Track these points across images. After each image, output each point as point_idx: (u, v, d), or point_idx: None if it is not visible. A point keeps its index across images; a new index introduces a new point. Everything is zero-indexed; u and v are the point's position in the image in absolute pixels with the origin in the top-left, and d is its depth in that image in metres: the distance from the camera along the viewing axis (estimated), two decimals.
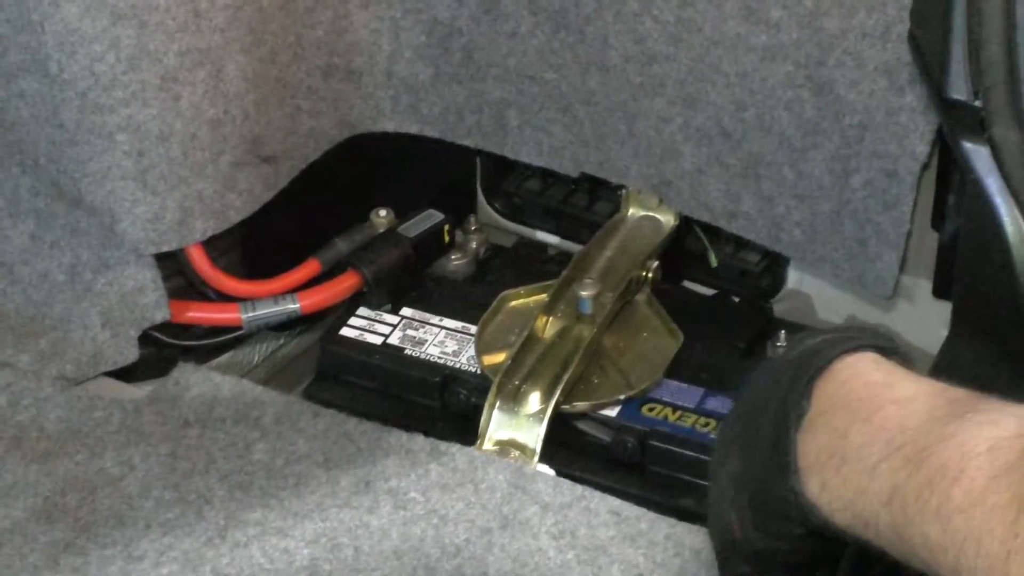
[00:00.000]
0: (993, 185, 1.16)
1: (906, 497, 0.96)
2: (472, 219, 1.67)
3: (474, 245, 1.65)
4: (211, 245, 1.53)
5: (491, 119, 1.63)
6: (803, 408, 1.07)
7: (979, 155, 1.16)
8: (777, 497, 1.07)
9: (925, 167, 1.40)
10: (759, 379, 1.15)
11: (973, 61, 1.15)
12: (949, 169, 1.38)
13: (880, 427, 1.01)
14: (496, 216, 1.72)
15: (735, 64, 1.46)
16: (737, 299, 1.61)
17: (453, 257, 1.64)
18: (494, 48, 1.59)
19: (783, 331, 1.48)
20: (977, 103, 1.16)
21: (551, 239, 1.70)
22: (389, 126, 1.65)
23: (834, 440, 1.04)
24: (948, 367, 1.29)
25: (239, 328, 1.56)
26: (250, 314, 1.56)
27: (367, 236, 1.62)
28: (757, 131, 1.47)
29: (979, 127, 1.16)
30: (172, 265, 1.53)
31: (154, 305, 1.50)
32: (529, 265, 1.63)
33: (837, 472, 1.03)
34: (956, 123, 1.18)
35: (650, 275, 1.55)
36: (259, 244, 1.60)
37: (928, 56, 1.21)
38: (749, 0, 1.43)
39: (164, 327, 1.53)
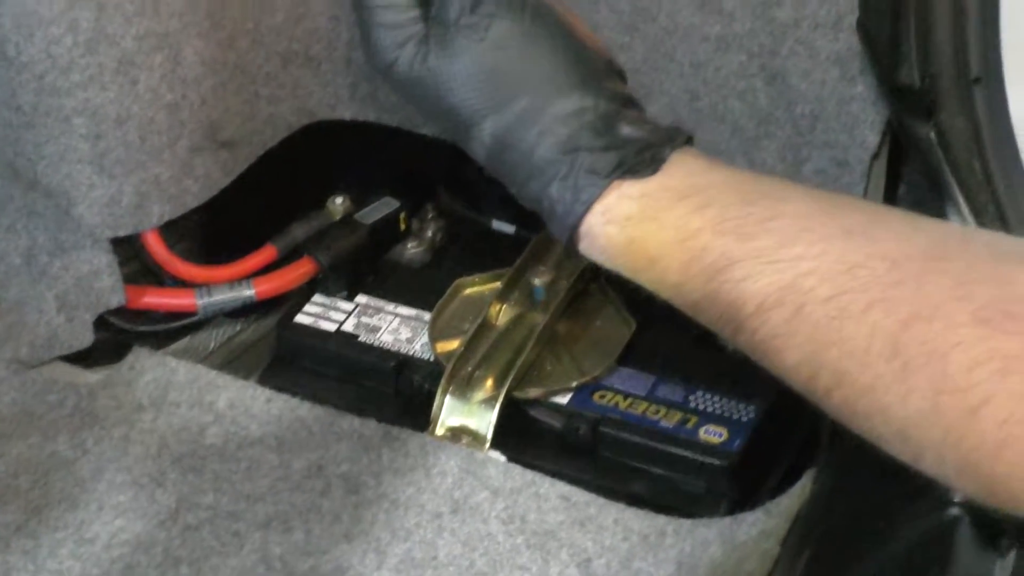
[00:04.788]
0: (940, 170, 1.17)
1: None
2: (429, 207, 1.68)
3: (431, 233, 1.66)
4: (167, 230, 1.54)
5: None
6: None
7: (925, 140, 1.17)
8: None
9: (875, 156, 1.41)
10: None
11: (921, 48, 1.16)
12: (899, 159, 1.39)
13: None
14: (453, 204, 1.72)
15: (689, 54, 1.47)
16: None
17: (410, 244, 1.64)
18: None
19: None
20: (925, 89, 1.17)
21: (508, 228, 1.71)
22: (347, 114, 1.65)
23: None
24: None
25: (194, 314, 1.57)
26: (205, 300, 1.56)
27: (324, 223, 1.62)
28: (711, 120, 1.48)
29: (927, 113, 1.17)
30: (128, 250, 1.53)
31: (110, 290, 1.50)
32: (485, 253, 1.64)
33: None
34: (905, 109, 1.19)
35: None
36: (216, 229, 1.60)
37: (877, 44, 1.22)
38: None
39: (120, 312, 1.53)
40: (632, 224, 1.05)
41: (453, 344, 1.48)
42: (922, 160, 1.19)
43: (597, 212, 1.06)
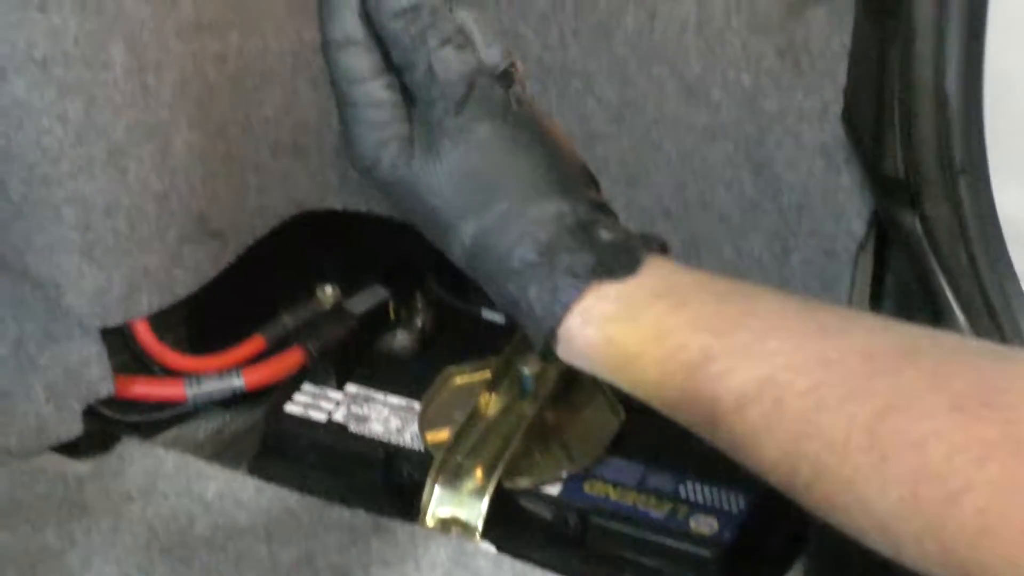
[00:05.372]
0: (926, 260, 1.18)
1: None
2: (418, 296, 1.68)
3: (420, 322, 1.66)
4: (156, 319, 1.54)
5: None
6: None
7: (911, 231, 1.18)
8: None
9: (862, 246, 1.41)
10: None
11: (905, 139, 1.17)
12: (886, 248, 1.40)
13: None
14: (442, 293, 1.72)
15: (676, 143, 1.48)
16: None
17: (399, 334, 1.64)
18: None
19: None
20: (909, 180, 1.18)
21: (497, 317, 1.71)
22: (337, 203, 1.66)
23: None
24: None
25: (184, 403, 1.56)
26: (195, 390, 1.56)
27: (312, 312, 1.62)
28: (698, 210, 1.48)
29: (912, 203, 1.18)
30: (117, 339, 1.53)
31: (99, 379, 1.50)
32: (474, 342, 1.64)
33: None
34: (890, 199, 1.20)
35: None
36: (205, 319, 1.60)
37: (862, 134, 1.23)
38: (690, 80, 1.45)
39: (109, 402, 1.53)
40: (610, 324, 1.05)
41: (443, 434, 1.48)
42: (908, 250, 1.20)
43: (576, 313, 1.06)
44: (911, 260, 1.21)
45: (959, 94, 1.15)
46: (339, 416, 1.54)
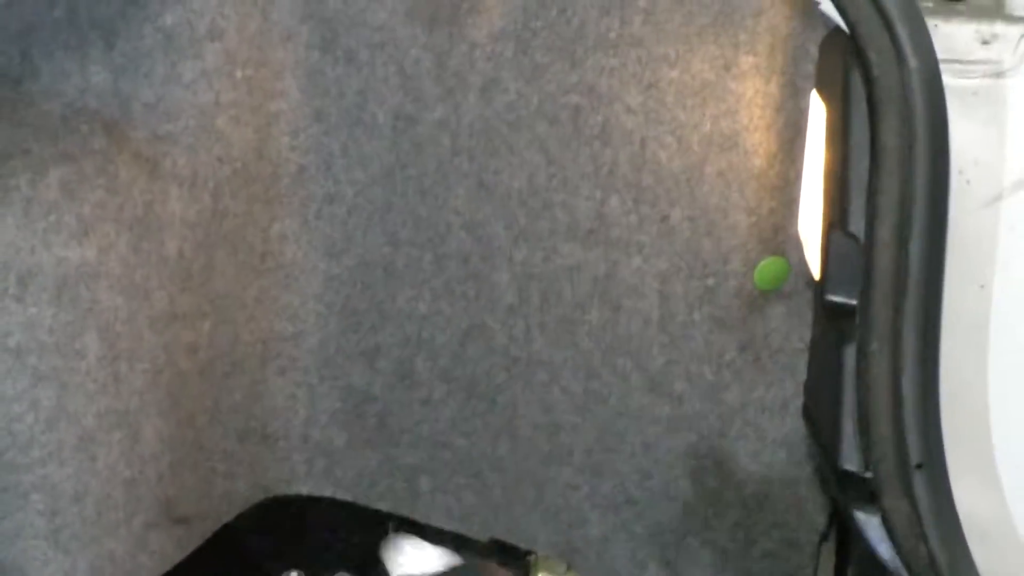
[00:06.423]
0: (886, 553, 1.19)
1: None
2: None
3: None
4: None
5: (403, 484, 1.65)
6: None
7: (871, 524, 1.19)
8: None
9: (824, 538, 1.43)
10: None
11: (863, 435, 1.19)
12: (848, 540, 1.41)
13: None
14: None
15: (640, 434, 1.50)
16: None
17: None
18: (407, 415, 1.63)
19: None
20: (868, 475, 1.19)
21: None
22: (303, 489, 1.67)
23: None
24: None
25: None
26: None
27: None
28: (662, 499, 1.50)
29: (870, 497, 1.20)
30: None
31: None
32: None
33: None
34: (849, 494, 1.21)
35: None
36: None
37: (821, 429, 1.25)
38: (653, 373, 1.48)
39: None
40: None
41: None
42: (868, 544, 1.21)
43: None
44: (871, 553, 1.22)
45: (915, 392, 1.18)
46: None
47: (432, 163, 1.58)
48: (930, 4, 1.15)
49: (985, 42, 1.14)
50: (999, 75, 1.14)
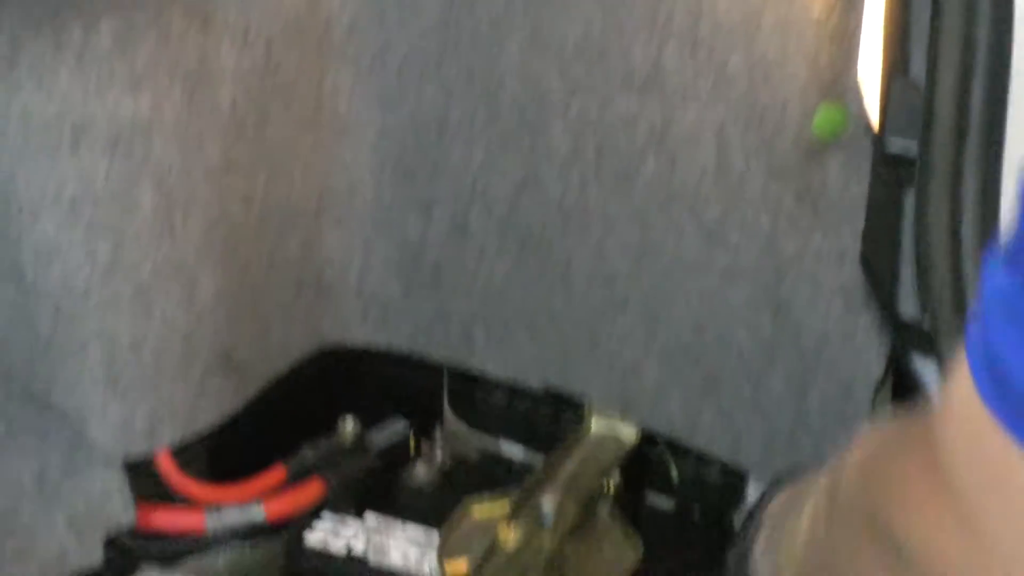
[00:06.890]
0: None
1: None
2: (438, 429, 1.69)
3: (439, 455, 1.67)
4: (178, 451, 1.55)
5: (458, 334, 1.66)
6: None
7: (928, 370, 1.19)
8: None
9: (880, 386, 1.43)
10: None
11: (921, 281, 1.18)
12: (904, 387, 1.41)
13: None
14: (462, 427, 1.74)
15: (696, 285, 1.50)
16: (698, 513, 1.63)
17: (419, 466, 1.66)
18: (461, 266, 1.63)
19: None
20: (925, 321, 1.19)
21: (516, 450, 1.72)
22: (358, 339, 1.68)
23: None
24: None
25: (204, 533, 1.57)
26: (215, 520, 1.56)
27: (334, 445, 1.63)
28: (717, 349, 1.50)
29: (928, 344, 1.19)
30: (139, 470, 1.54)
31: (121, 510, 1.51)
32: (493, 475, 1.65)
33: None
34: (907, 341, 1.21)
35: (612, 487, 1.57)
36: (226, 450, 1.61)
37: (879, 277, 1.24)
38: (709, 224, 1.47)
39: (129, 532, 1.53)
40: None
41: (462, 565, 1.48)
42: (925, 391, 1.21)
43: None
44: (927, 398, 1.22)
45: (974, 238, 1.17)
46: (358, 547, 1.54)
47: (485, 13, 1.57)
48: None
49: None
50: None
